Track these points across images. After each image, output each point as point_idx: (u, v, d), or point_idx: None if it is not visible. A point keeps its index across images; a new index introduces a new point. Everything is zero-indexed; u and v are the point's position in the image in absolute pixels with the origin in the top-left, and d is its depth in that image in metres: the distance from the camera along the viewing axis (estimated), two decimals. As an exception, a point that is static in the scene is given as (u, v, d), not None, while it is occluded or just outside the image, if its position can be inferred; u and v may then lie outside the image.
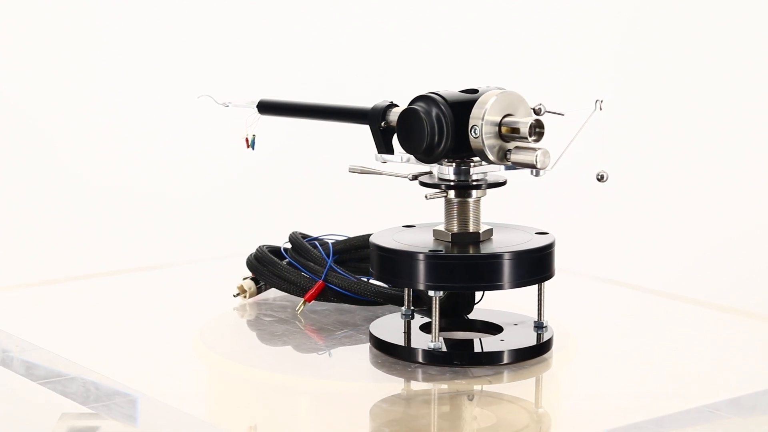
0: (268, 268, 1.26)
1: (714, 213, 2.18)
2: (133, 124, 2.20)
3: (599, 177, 1.08)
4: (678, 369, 1.12)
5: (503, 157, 1.07)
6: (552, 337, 1.11)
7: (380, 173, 1.12)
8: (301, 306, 1.22)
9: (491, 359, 1.07)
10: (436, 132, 1.08)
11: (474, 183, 1.10)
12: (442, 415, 1.00)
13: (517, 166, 1.07)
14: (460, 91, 1.09)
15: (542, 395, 1.06)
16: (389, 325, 1.14)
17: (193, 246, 2.18)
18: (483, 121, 1.07)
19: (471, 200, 1.10)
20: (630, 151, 2.17)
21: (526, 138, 1.05)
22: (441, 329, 1.11)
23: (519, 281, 1.07)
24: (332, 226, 1.34)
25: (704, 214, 2.18)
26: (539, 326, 1.12)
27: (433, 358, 1.07)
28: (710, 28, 2.14)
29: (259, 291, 1.29)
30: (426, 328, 1.13)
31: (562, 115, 1.07)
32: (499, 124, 1.07)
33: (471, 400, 1.04)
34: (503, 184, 1.11)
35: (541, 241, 1.10)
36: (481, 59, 2.16)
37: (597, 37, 2.15)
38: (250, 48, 2.19)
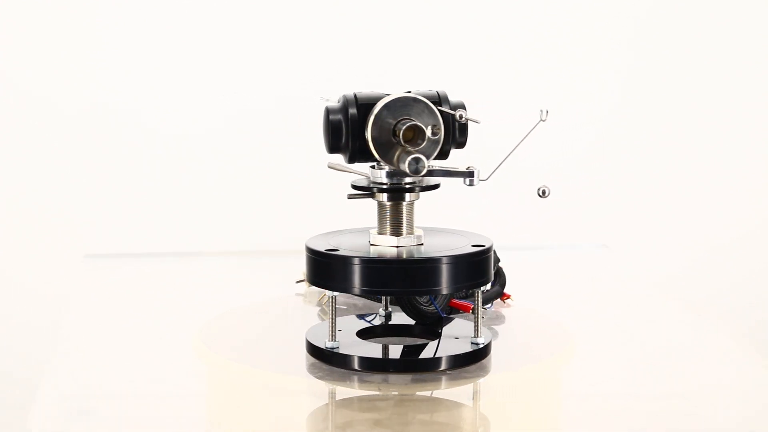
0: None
1: (713, 213, 2.18)
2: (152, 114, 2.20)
3: (541, 192, 1.07)
4: (677, 370, 1.12)
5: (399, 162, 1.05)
6: (479, 350, 1.09)
7: (355, 172, 1.11)
8: (324, 297, 1.23)
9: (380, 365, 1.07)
10: (335, 131, 1.07)
11: (403, 186, 1.08)
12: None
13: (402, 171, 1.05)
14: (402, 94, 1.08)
15: (478, 402, 1.05)
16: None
17: (197, 242, 2.18)
18: (371, 121, 1.06)
19: (404, 204, 1.09)
20: (630, 151, 2.17)
21: (401, 142, 1.04)
22: (378, 335, 1.13)
23: (454, 285, 1.06)
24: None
25: (704, 214, 2.18)
26: (475, 342, 1.10)
27: (328, 358, 1.07)
28: (712, 28, 2.14)
29: None
30: (366, 333, 1.13)
31: (478, 122, 1.07)
32: (393, 128, 1.06)
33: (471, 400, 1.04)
34: (435, 187, 1.10)
35: (475, 246, 1.08)
36: (481, 59, 2.16)
37: (597, 37, 2.15)
38: (248, 48, 2.19)
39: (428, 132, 1.05)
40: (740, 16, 2.14)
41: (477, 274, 1.07)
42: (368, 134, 1.05)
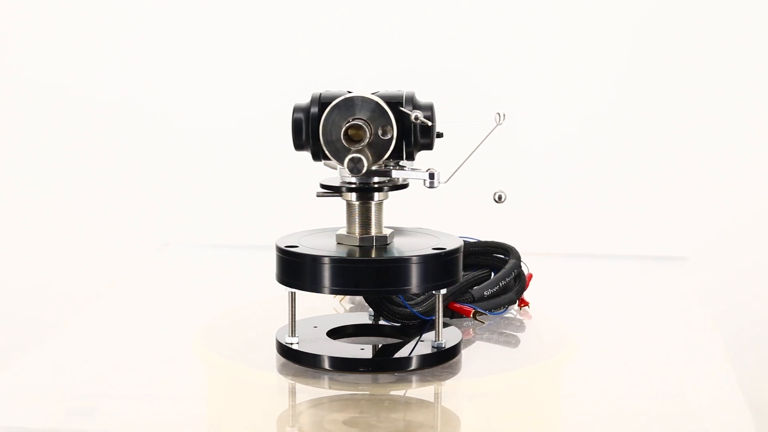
0: None
1: (712, 212, 2.18)
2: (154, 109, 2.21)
3: (497, 198, 1.07)
4: (678, 369, 1.12)
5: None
6: (439, 353, 1.08)
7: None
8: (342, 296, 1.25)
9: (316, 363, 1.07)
10: (296, 129, 1.07)
11: (371, 186, 1.08)
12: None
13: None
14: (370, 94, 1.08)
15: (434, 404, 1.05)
16: (306, 327, 1.14)
17: (195, 238, 2.19)
18: (322, 120, 1.06)
19: (373, 203, 1.09)
20: (631, 151, 2.17)
21: (342, 143, 1.05)
22: (349, 334, 1.13)
23: (423, 285, 1.06)
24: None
25: (703, 212, 2.18)
26: (438, 345, 1.09)
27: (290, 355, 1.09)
28: (715, 27, 2.14)
29: None
30: (336, 333, 1.13)
31: (429, 124, 1.06)
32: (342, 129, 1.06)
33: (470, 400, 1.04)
34: (404, 187, 1.09)
35: (443, 246, 1.08)
36: (481, 59, 2.16)
37: (598, 37, 2.15)
38: (249, 48, 2.19)
39: (377, 132, 1.05)
40: (745, 16, 2.14)
41: (438, 275, 1.07)
42: (320, 133, 1.06)
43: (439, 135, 1.09)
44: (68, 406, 1.01)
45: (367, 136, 1.04)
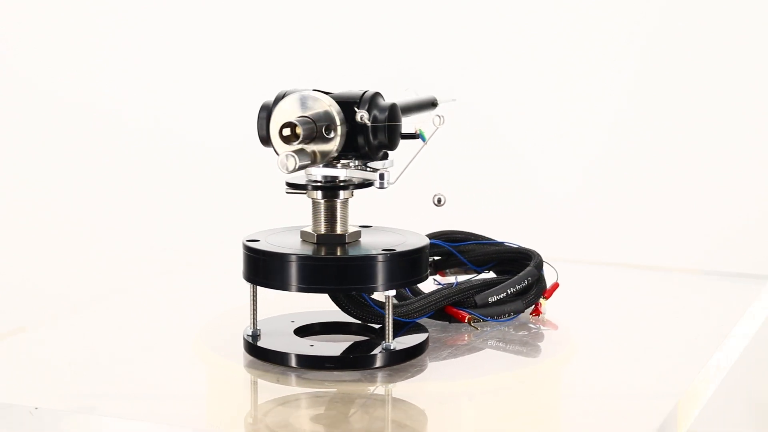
0: None
1: (713, 214, 2.18)
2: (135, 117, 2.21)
3: (436, 201, 1.07)
4: (678, 369, 1.12)
5: None
6: (387, 353, 1.08)
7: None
8: None
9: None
10: (260, 125, 1.08)
11: (335, 184, 1.08)
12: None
13: None
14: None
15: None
16: (278, 324, 1.15)
17: (194, 240, 2.19)
18: (271, 118, 1.06)
19: (338, 201, 1.10)
20: (631, 151, 2.17)
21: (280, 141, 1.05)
22: (316, 332, 1.13)
23: (386, 284, 1.06)
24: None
25: (704, 215, 2.18)
26: (387, 347, 1.08)
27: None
28: (717, 27, 2.14)
29: None
30: (302, 331, 1.13)
31: (369, 124, 1.06)
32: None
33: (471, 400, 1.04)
34: (369, 185, 1.09)
35: (406, 245, 1.08)
36: (481, 59, 2.16)
37: (597, 38, 2.15)
38: (253, 48, 2.19)
39: (323, 131, 1.05)
40: (747, 14, 2.14)
41: (399, 274, 1.07)
42: (270, 130, 1.07)
43: (415, 136, 1.08)
44: (68, 405, 1.02)
45: (301, 135, 1.04)
